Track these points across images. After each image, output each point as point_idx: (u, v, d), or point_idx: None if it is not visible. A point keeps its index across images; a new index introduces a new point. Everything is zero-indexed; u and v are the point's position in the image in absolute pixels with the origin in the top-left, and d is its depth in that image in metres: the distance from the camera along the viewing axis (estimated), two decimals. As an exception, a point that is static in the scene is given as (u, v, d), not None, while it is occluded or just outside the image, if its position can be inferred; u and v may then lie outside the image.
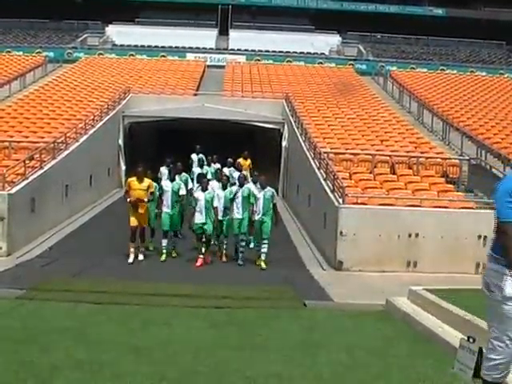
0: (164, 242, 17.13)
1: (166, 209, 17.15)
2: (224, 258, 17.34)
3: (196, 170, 22.72)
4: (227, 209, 17.20)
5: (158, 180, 18.64)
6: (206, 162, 23.86)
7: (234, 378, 7.43)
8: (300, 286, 13.83)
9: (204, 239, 16.62)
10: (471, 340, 7.79)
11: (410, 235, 16.54)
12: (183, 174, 19.14)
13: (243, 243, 17.01)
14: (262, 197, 16.76)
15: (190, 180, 20.05)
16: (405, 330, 10.37)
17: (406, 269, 16.43)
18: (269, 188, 17.06)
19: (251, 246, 18.03)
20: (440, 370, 8.05)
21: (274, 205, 17.03)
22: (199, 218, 16.52)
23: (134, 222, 16.66)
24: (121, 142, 29.76)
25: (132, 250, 16.56)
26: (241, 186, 17.14)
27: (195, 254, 16.91)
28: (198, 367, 7.78)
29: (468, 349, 7.78)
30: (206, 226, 16.53)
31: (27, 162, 19.14)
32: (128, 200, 16.74)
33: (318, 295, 13.31)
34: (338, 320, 11.00)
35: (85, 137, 24.55)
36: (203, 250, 16.60)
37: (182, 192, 17.40)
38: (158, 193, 17.32)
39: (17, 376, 7.16)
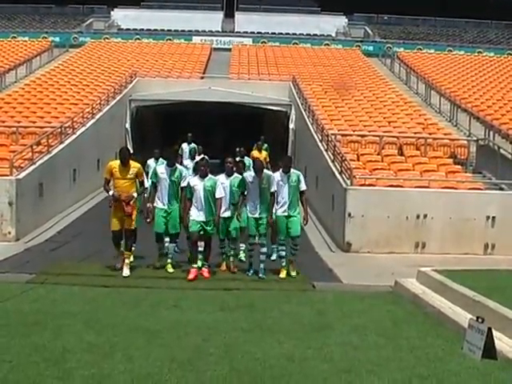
0: (159, 246, 13.58)
1: (161, 204, 13.21)
2: (234, 269, 13.44)
3: (186, 162, 19.27)
4: (235, 205, 13.31)
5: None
6: (198, 153, 21.34)
7: (245, 360, 7.46)
8: (309, 268, 13.83)
9: (201, 244, 12.89)
10: (480, 320, 7.82)
11: (418, 216, 16.54)
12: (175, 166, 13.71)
13: (264, 249, 13.04)
14: (287, 184, 13.00)
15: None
16: (414, 311, 10.39)
17: (414, 250, 16.43)
18: (293, 171, 13.29)
19: (273, 257, 14.01)
20: (450, 350, 8.08)
21: (302, 193, 13.23)
22: (197, 215, 12.61)
23: (116, 225, 12.78)
24: (128, 125, 29.72)
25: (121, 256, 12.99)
26: (256, 172, 13.05)
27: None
28: (208, 349, 7.82)
29: (477, 329, 7.81)
30: (207, 226, 12.69)
31: (35, 146, 19.14)
32: (111, 193, 12.69)
33: (327, 277, 13.33)
34: (347, 302, 11.00)
35: (92, 121, 24.57)
36: (199, 260, 12.87)
37: (184, 183, 13.08)
38: (151, 180, 13.63)
39: (29, 359, 7.21)
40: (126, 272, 12.65)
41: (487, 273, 12.20)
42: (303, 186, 13.18)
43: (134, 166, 12.86)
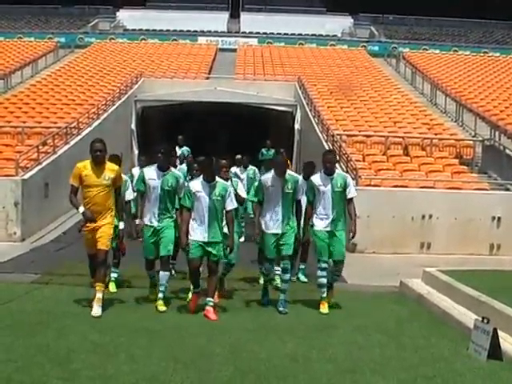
0: (151, 274, 10.61)
1: (148, 220, 10.17)
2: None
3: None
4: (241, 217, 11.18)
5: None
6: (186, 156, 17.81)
7: (249, 360, 7.46)
8: (314, 268, 13.78)
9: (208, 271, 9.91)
10: (485, 321, 7.80)
11: (423, 217, 16.53)
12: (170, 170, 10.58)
13: (287, 276, 10.30)
14: (330, 190, 10.16)
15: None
16: (419, 312, 10.39)
17: (419, 250, 16.43)
18: (339, 172, 10.64)
19: (303, 278, 12.55)
20: (455, 350, 8.07)
21: (350, 201, 10.48)
22: (197, 234, 9.63)
23: (91, 247, 9.69)
24: (133, 126, 29.71)
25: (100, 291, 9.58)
26: (277, 172, 10.15)
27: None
28: (212, 349, 7.81)
29: (482, 329, 7.80)
30: (212, 249, 9.63)
31: (40, 147, 19.20)
32: (81, 211, 9.56)
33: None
34: (352, 302, 10.99)
35: (97, 122, 24.55)
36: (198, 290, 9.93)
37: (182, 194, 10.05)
38: (136, 189, 10.54)
39: (33, 359, 7.21)
40: (95, 311, 9.35)
41: (492, 273, 12.19)
42: (352, 192, 10.41)
43: (111, 167, 9.72)
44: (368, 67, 37.47)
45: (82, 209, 9.49)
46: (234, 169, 16.47)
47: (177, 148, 20.59)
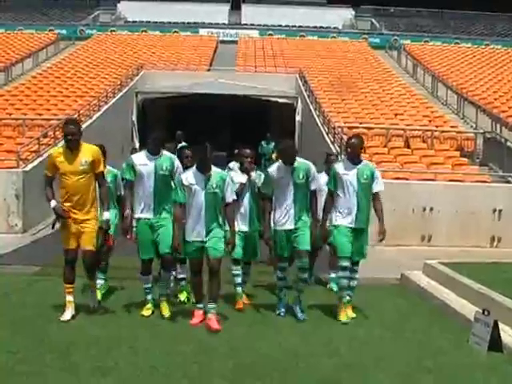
0: (146, 283, 9.16)
1: (141, 212, 8.84)
2: (241, 305, 9.79)
3: None
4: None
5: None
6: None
7: (250, 354, 7.45)
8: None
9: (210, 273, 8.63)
10: (486, 313, 7.82)
11: (424, 209, 16.52)
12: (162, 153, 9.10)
13: (305, 275, 9.20)
14: (355, 180, 9.00)
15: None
16: (420, 304, 10.39)
17: (420, 243, 16.41)
18: (366, 162, 9.33)
19: (334, 287, 11.07)
20: (455, 343, 8.08)
21: (375, 196, 9.39)
22: (193, 232, 8.51)
23: (71, 242, 8.55)
24: (134, 118, 29.69)
25: (70, 297, 8.73)
26: (285, 161, 8.98)
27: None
28: (213, 343, 7.82)
29: (483, 322, 7.81)
30: (211, 243, 8.46)
31: (41, 139, 19.20)
32: (52, 206, 8.77)
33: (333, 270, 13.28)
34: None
35: (98, 114, 24.54)
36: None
37: (179, 176, 8.72)
38: (125, 179, 9.25)
39: (34, 351, 7.23)
40: (93, 304, 9.11)
41: (493, 265, 12.18)
42: (378, 186, 9.24)
43: (88, 150, 8.57)
44: (369, 59, 37.40)
45: (53, 203, 8.59)
46: (232, 164, 15.79)
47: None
